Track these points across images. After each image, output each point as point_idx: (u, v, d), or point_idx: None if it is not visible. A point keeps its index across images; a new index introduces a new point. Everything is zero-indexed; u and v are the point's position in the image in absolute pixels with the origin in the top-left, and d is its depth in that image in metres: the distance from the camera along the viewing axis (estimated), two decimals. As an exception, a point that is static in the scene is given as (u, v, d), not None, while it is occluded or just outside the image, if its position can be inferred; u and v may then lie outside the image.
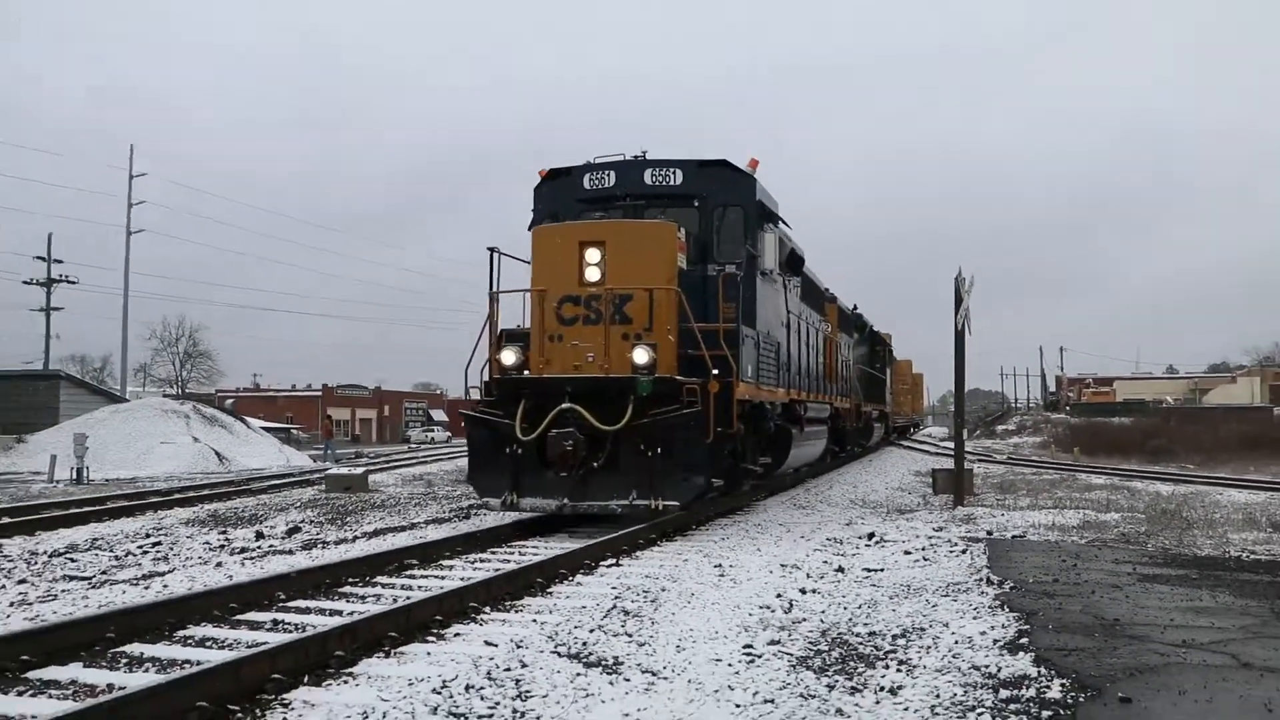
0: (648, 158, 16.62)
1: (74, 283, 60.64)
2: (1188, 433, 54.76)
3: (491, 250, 15.50)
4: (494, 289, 15.46)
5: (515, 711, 6.10)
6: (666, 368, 14.19)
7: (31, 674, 7.00)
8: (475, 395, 15.39)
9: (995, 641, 7.90)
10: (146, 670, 7.15)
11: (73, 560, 12.39)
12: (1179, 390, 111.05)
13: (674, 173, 16.40)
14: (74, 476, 28.04)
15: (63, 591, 10.16)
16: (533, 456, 14.15)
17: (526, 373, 15.06)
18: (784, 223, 18.73)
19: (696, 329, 14.24)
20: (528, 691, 6.51)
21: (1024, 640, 7.90)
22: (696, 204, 16.41)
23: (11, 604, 9.58)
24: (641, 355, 13.91)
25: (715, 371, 14.15)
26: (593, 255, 14.49)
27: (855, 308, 35.39)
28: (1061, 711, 6.08)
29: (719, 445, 14.37)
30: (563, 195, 16.65)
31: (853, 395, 31.32)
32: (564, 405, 13.85)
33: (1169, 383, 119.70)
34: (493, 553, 12.87)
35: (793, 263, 20.34)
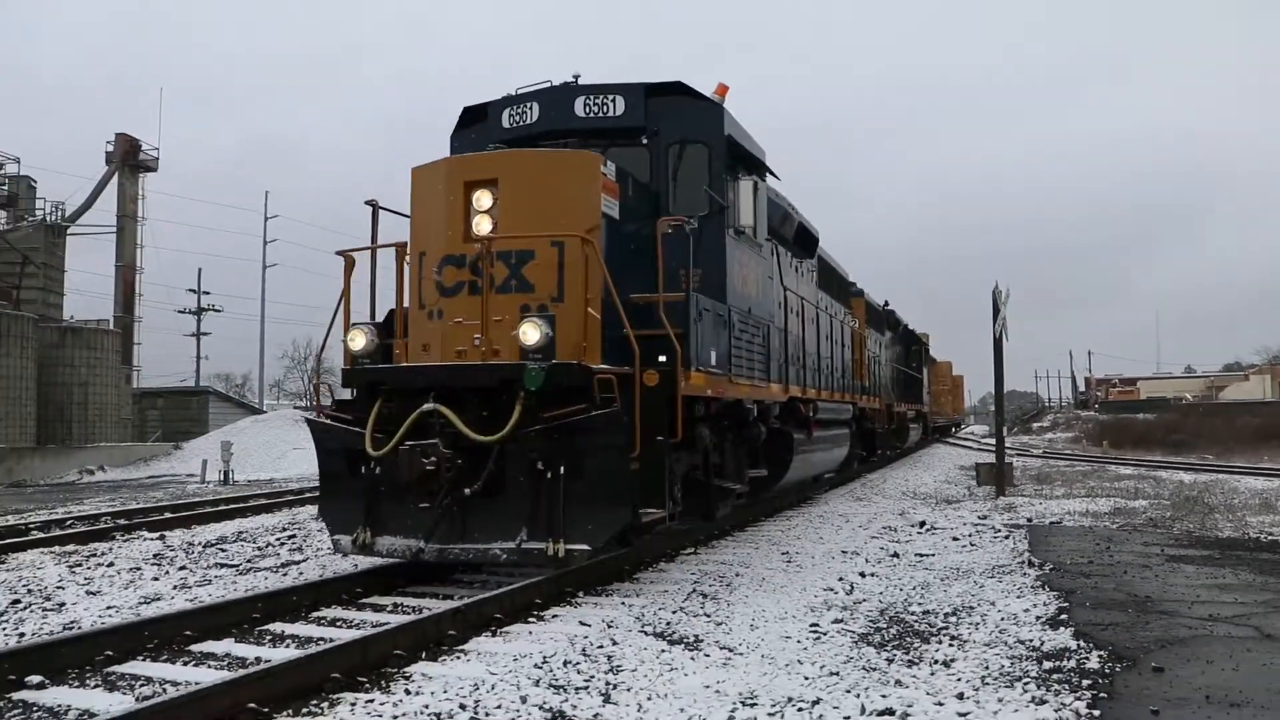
0: (580, 83, 11.49)
1: (219, 311, 61.63)
2: (1206, 426, 53.58)
3: (371, 204, 10.47)
4: (374, 251, 10.47)
5: (608, 684, 6.10)
6: (577, 350, 9.08)
7: (193, 647, 7.14)
8: (345, 393, 10.50)
9: (1038, 618, 7.77)
10: (287, 646, 7.25)
11: (223, 550, 12.60)
12: (1197, 388, 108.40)
13: (613, 101, 11.26)
14: (221, 478, 28.54)
15: (216, 577, 10.33)
16: (393, 478, 9.04)
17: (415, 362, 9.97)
18: (774, 175, 13.56)
19: (623, 301, 9.08)
20: (619, 666, 6.50)
21: (1064, 616, 7.77)
22: (645, 140, 11.29)
23: (174, 587, 9.76)
24: (531, 332, 8.68)
25: (662, 359, 9.23)
26: (482, 199, 9.39)
27: (887, 304, 30.57)
28: (1100, 680, 5.96)
29: (656, 460, 9.14)
30: (480, 139, 11.51)
31: (883, 395, 26.44)
32: (425, 406, 8.79)
33: (1188, 381, 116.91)
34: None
35: (803, 240, 16.17)
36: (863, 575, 9.99)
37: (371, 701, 5.74)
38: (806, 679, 6.16)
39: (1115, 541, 12.24)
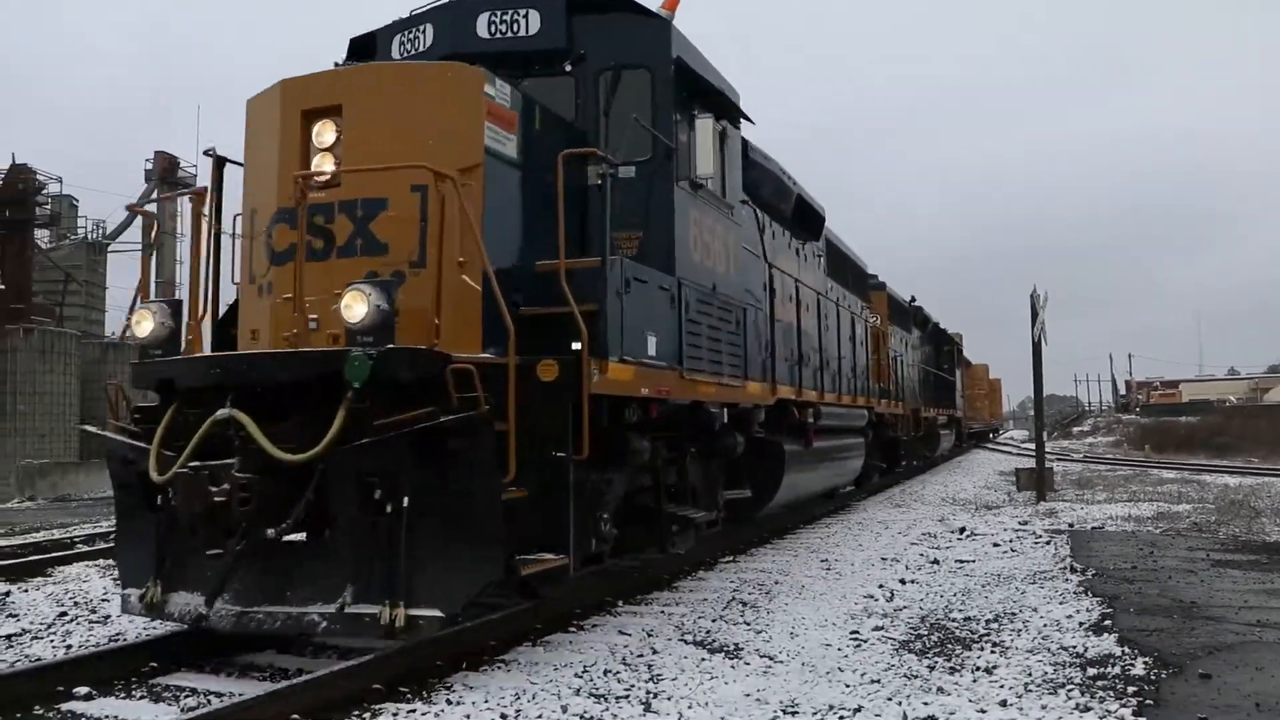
0: None
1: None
2: (1251, 429, 52.82)
3: (210, 155, 8.09)
4: (209, 213, 7.96)
5: (648, 692, 6.10)
6: (426, 331, 6.51)
7: (237, 658, 7.18)
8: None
9: (1081, 624, 7.70)
10: (329, 657, 7.28)
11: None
12: (1241, 390, 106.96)
13: (525, 17, 8.74)
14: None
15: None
16: None
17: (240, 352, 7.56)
18: (748, 120, 10.67)
19: (526, 269, 7.29)
20: (659, 675, 6.50)
21: (1108, 622, 7.70)
22: (569, 67, 8.78)
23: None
24: (356, 306, 6.26)
25: (577, 346, 6.73)
26: (324, 134, 7.11)
27: (913, 299, 28.09)
28: (1145, 687, 5.90)
29: (555, 485, 6.74)
30: None
31: (909, 399, 24.01)
32: (221, 412, 6.39)
33: (1231, 383, 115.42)
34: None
35: (805, 218, 13.90)
36: (903, 582, 9.94)
37: (414, 712, 5.76)
38: (847, 687, 6.13)
39: (1159, 546, 12.10)
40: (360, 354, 6.14)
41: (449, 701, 5.98)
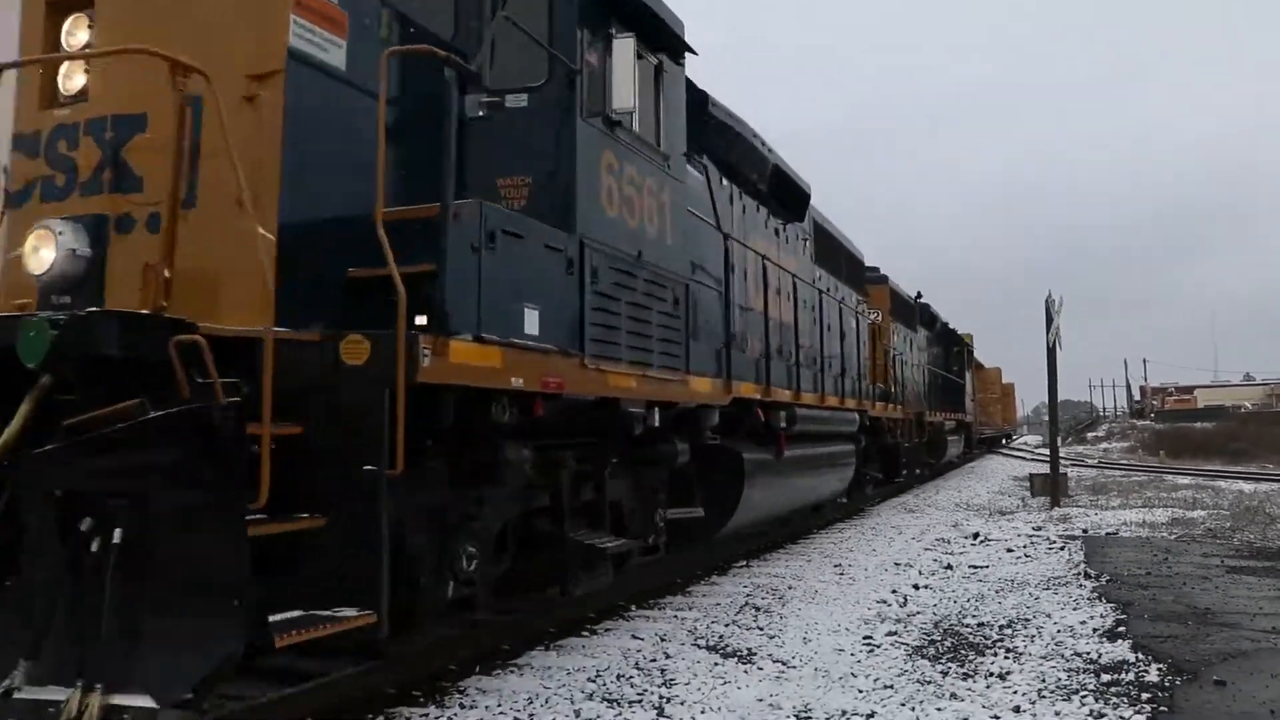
0: None
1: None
2: (1266, 435, 52.42)
3: None
4: None
5: (661, 697, 6.09)
6: (191, 296, 4.76)
7: (259, 661, 7.18)
8: None
9: (1095, 630, 7.67)
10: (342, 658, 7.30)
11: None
12: (1256, 396, 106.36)
13: None
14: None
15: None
16: None
17: None
18: (690, 50, 8.33)
19: (357, 219, 5.13)
20: (672, 679, 6.49)
21: (1121, 629, 7.67)
22: None
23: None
24: (44, 250, 4.82)
25: (422, 320, 5.00)
26: (76, 33, 5.31)
27: (919, 296, 25.93)
28: (1160, 694, 5.88)
29: (365, 512, 4.65)
30: None
31: (911, 401, 22.02)
32: None
33: (1246, 389, 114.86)
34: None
35: (784, 194, 12.28)
36: (916, 587, 9.92)
37: (426, 716, 5.77)
38: (860, 692, 6.12)
39: (1173, 552, 12.05)
40: (40, 321, 4.29)
41: (462, 705, 5.98)
